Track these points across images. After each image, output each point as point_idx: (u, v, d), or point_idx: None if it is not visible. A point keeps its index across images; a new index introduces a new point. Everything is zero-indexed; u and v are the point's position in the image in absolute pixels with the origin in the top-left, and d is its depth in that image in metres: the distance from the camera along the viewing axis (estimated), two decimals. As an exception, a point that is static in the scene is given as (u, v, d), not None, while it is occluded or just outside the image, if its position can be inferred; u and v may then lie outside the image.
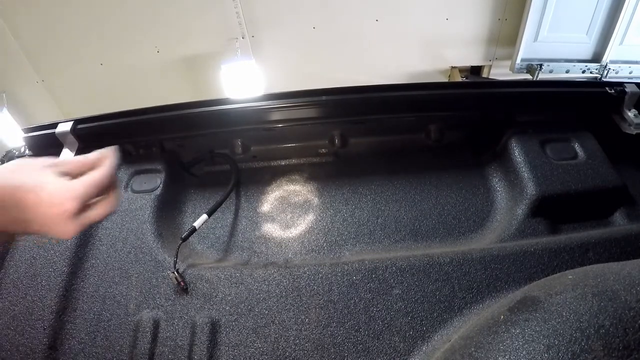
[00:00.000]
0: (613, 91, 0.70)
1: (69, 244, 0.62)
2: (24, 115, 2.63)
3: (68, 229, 0.39)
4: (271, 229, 0.66)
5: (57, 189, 0.40)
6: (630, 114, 0.70)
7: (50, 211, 0.39)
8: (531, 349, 0.33)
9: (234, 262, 0.62)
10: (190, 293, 0.56)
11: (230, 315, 0.54)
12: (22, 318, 0.56)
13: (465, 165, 0.72)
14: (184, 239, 0.58)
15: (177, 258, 0.56)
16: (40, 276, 0.59)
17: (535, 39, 2.25)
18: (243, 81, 2.37)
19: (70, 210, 0.39)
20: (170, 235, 0.65)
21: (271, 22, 2.39)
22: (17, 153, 0.77)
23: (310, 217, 0.67)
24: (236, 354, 0.52)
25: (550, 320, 0.35)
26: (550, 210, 0.63)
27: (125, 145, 0.73)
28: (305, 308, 0.54)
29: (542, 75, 2.29)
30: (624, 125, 0.71)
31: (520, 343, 0.34)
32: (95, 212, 0.41)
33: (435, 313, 0.52)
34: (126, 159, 0.72)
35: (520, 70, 2.32)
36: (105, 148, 0.44)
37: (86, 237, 0.63)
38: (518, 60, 2.28)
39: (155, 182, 0.68)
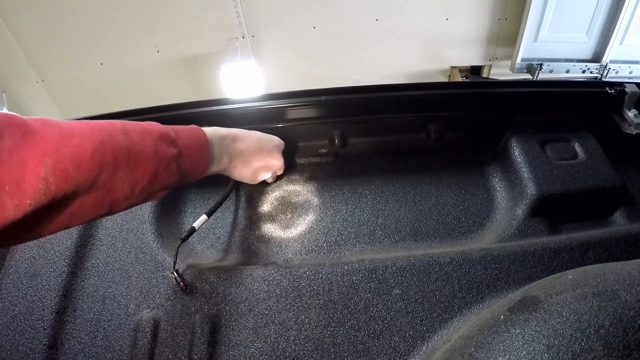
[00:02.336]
0: (613, 91, 0.70)
1: (69, 244, 0.62)
2: (24, 115, 2.62)
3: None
4: (271, 229, 0.66)
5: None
6: (630, 114, 0.70)
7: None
8: (531, 349, 0.33)
9: (234, 262, 0.62)
10: (190, 293, 0.56)
11: (230, 315, 0.54)
12: (22, 318, 0.56)
13: (465, 165, 0.72)
14: (184, 240, 0.58)
15: (176, 259, 0.56)
16: (40, 276, 0.59)
17: (535, 39, 2.25)
18: (243, 81, 2.37)
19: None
20: (170, 235, 0.65)
21: (271, 22, 2.39)
22: (17, 153, 0.77)
23: (310, 217, 0.67)
24: (236, 353, 0.52)
25: (550, 320, 0.35)
26: (550, 210, 0.63)
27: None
28: (305, 308, 0.54)
29: (542, 75, 2.29)
30: (624, 125, 0.71)
31: (520, 343, 0.34)
32: (277, 173, 0.68)
33: (435, 313, 0.52)
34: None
35: (520, 70, 2.32)
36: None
37: (86, 237, 0.63)
38: (518, 60, 2.29)
39: (155, 182, 0.68)
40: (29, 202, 0.31)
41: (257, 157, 0.62)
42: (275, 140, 0.65)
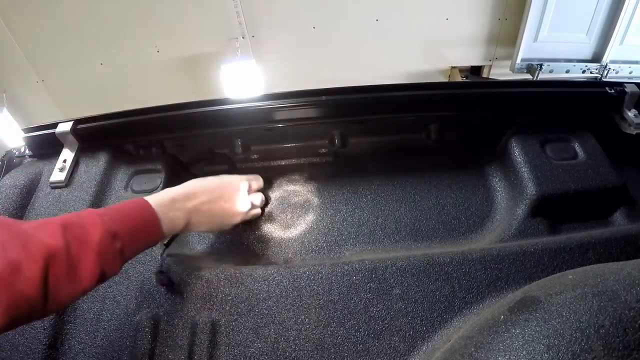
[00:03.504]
0: (613, 91, 0.70)
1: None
2: (24, 115, 2.63)
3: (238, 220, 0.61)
4: (271, 229, 0.66)
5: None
6: (630, 114, 0.70)
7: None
8: (531, 349, 0.33)
9: (234, 262, 0.62)
10: (190, 293, 0.56)
11: (230, 315, 0.54)
12: (22, 318, 0.56)
13: (465, 165, 0.72)
14: (167, 245, 0.59)
15: (162, 256, 0.58)
16: (40, 276, 0.59)
17: (535, 39, 2.25)
18: (243, 81, 2.37)
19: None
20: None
21: (271, 22, 2.39)
22: (17, 153, 0.77)
23: (310, 217, 0.67)
24: (236, 353, 0.52)
25: (550, 320, 0.35)
26: (550, 210, 0.63)
27: (125, 145, 0.73)
28: (305, 308, 0.54)
29: (542, 75, 2.29)
30: (624, 125, 0.71)
31: (520, 343, 0.34)
32: (252, 212, 0.63)
33: (435, 313, 0.52)
34: (126, 159, 0.72)
35: (520, 70, 2.32)
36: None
37: (86, 237, 0.63)
38: (518, 60, 2.28)
39: (156, 182, 0.68)
40: None
41: (218, 208, 0.58)
42: (235, 182, 0.61)
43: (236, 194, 0.60)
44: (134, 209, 0.49)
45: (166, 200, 0.52)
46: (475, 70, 2.67)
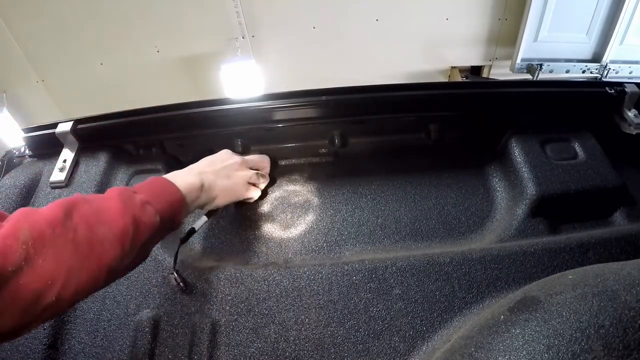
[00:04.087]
0: (613, 91, 0.70)
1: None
2: (24, 115, 2.63)
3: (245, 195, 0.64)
4: (271, 229, 0.66)
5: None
6: (630, 114, 0.70)
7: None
8: (531, 349, 0.33)
9: (234, 262, 0.62)
10: (190, 293, 0.56)
11: (230, 315, 0.54)
12: (22, 318, 0.55)
13: (465, 165, 0.72)
14: (183, 241, 0.58)
15: (176, 259, 0.56)
16: (40, 276, 0.59)
17: (535, 39, 2.25)
18: (243, 81, 2.37)
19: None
20: (170, 235, 0.65)
21: (271, 22, 2.39)
22: (17, 153, 0.77)
23: (310, 217, 0.67)
24: (236, 353, 0.52)
25: (550, 320, 0.35)
26: (550, 210, 0.63)
27: (125, 145, 0.73)
28: (305, 308, 0.54)
29: (542, 75, 2.29)
30: (624, 125, 0.71)
31: (520, 343, 0.34)
32: (250, 192, 0.64)
33: (435, 313, 0.52)
34: (126, 159, 0.72)
35: (520, 70, 2.32)
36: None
37: (86, 237, 0.63)
38: (518, 60, 2.28)
39: (156, 182, 0.68)
40: (11, 270, 0.31)
41: (220, 167, 0.60)
42: (220, 152, 0.64)
43: (227, 155, 0.63)
44: (144, 181, 0.51)
45: (169, 174, 0.55)
46: (475, 70, 2.67)
